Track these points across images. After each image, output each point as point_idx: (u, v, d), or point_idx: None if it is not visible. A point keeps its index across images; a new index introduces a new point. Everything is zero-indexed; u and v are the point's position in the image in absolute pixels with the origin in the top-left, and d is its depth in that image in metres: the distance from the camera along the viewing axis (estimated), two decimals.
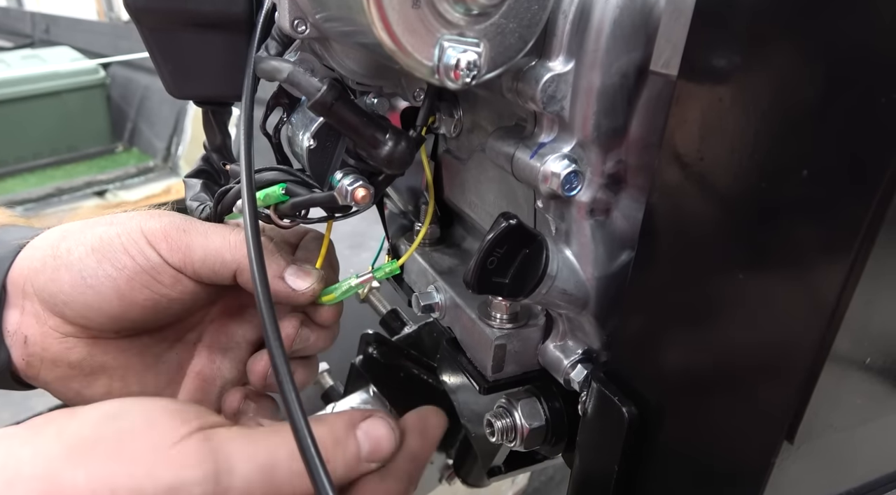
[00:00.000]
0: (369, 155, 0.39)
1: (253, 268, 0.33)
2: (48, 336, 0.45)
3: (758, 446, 0.27)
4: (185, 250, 0.44)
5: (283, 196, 0.42)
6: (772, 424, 0.27)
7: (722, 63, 0.27)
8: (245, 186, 0.36)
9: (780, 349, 0.26)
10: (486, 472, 0.57)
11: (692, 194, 0.30)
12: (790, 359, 0.25)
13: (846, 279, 0.23)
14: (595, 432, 0.38)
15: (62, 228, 0.46)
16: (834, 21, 0.23)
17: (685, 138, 0.29)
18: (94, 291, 0.43)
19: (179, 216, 0.46)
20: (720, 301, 0.29)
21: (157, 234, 0.44)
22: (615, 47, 0.32)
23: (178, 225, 0.45)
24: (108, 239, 0.44)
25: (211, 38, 0.46)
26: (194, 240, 0.44)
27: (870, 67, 0.22)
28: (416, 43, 0.29)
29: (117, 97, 4.38)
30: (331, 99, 0.36)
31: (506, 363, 0.44)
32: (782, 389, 0.26)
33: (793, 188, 0.25)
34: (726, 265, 0.28)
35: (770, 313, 0.26)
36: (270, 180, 0.43)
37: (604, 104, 0.33)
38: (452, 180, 0.52)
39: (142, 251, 0.43)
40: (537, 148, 0.36)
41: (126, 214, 0.46)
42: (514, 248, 0.35)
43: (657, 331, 0.33)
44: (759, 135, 0.26)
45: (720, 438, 0.30)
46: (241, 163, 0.36)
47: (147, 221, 0.45)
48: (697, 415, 0.31)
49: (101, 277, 0.43)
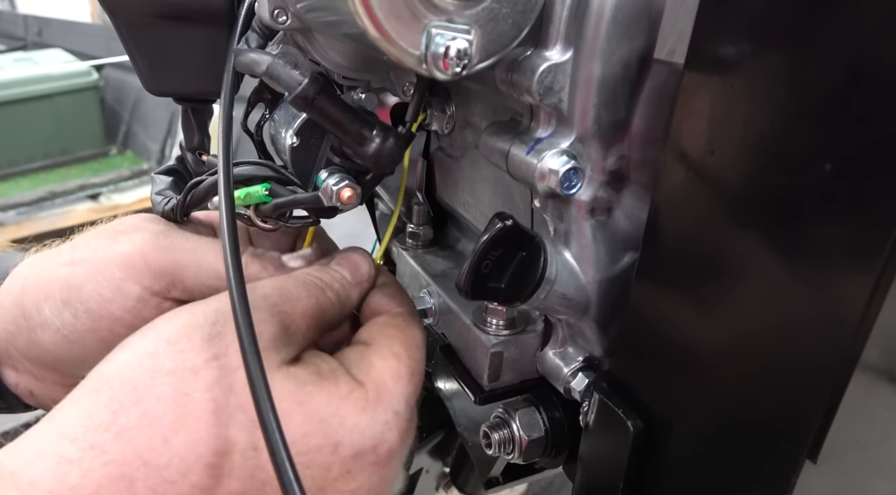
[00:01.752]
0: (355, 152, 0.37)
1: (229, 270, 0.30)
2: (52, 389, 0.42)
3: (777, 465, 0.25)
4: (172, 272, 0.39)
5: (265, 197, 0.40)
6: (793, 441, 0.24)
7: (733, 48, 0.25)
8: (222, 182, 0.33)
9: (803, 360, 0.24)
10: (484, 484, 0.55)
11: (701, 192, 0.27)
12: (814, 371, 0.23)
13: (876, 283, 0.21)
14: (598, 446, 0.36)
15: (20, 276, 0.41)
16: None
17: (693, 131, 0.27)
18: (80, 346, 0.39)
19: (152, 229, 0.41)
20: (734, 307, 0.27)
21: (134, 261, 0.39)
22: (616, 34, 0.30)
23: (157, 243, 0.40)
24: (77, 285, 0.39)
25: (190, 31, 0.44)
26: (182, 259, 0.39)
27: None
28: (401, 29, 0.27)
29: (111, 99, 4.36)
30: (313, 93, 0.34)
31: (503, 371, 0.42)
32: (805, 403, 0.24)
33: (814, 184, 0.23)
34: (740, 269, 0.26)
35: (791, 321, 0.24)
36: (249, 175, 0.40)
37: (604, 96, 0.31)
38: (445, 179, 0.50)
39: (118, 289, 0.39)
40: (534, 143, 0.34)
41: (87, 243, 0.41)
42: (509, 251, 0.33)
43: (664, 338, 0.31)
44: (775, 125, 0.24)
45: (734, 456, 0.28)
46: (220, 162, 0.34)
47: (114, 246, 0.40)
48: (709, 431, 0.29)
49: (81, 332, 0.39)
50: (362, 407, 0.34)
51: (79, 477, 0.27)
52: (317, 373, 0.34)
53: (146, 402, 0.30)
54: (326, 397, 0.33)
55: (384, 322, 0.40)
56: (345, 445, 0.33)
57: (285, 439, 0.27)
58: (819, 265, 0.23)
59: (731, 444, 0.28)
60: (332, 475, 0.33)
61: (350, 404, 0.33)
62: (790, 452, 0.25)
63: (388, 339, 0.38)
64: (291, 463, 0.27)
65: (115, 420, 0.29)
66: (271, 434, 0.27)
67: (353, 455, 0.33)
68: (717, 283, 0.27)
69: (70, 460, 0.27)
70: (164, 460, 0.29)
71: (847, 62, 0.21)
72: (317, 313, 0.37)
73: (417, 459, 0.71)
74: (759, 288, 0.25)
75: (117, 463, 0.28)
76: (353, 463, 0.33)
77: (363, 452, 0.33)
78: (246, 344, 0.29)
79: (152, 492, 0.28)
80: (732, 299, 0.27)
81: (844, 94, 0.22)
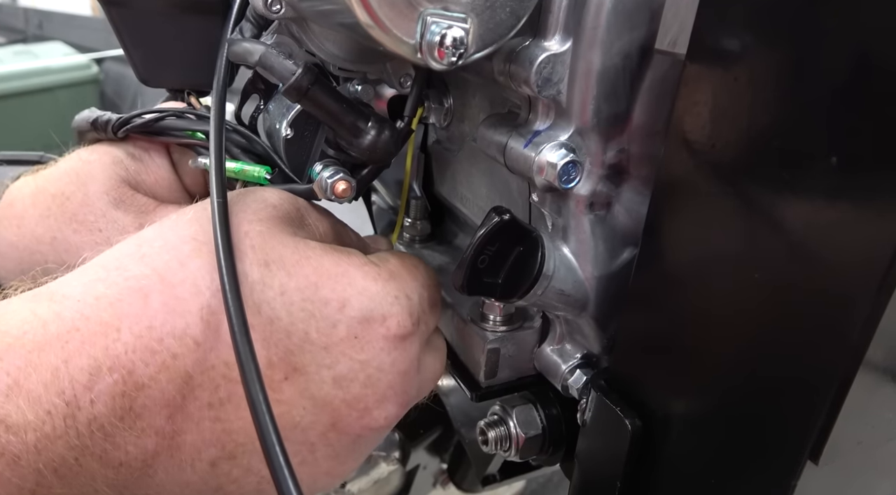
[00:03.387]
0: (350, 145, 0.36)
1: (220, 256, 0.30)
2: None
3: (778, 465, 0.25)
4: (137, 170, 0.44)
5: (264, 180, 0.39)
6: (794, 442, 0.24)
7: (736, 39, 0.25)
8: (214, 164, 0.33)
9: (807, 359, 0.23)
10: (481, 481, 0.55)
11: (702, 186, 0.27)
12: (818, 370, 0.23)
13: (882, 281, 0.20)
14: (595, 444, 0.35)
15: None
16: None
17: (694, 124, 0.27)
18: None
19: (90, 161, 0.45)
20: (736, 304, 0.26)
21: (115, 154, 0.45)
22: (617, 24, 0.30)
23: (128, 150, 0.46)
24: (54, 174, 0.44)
25: (184, 22, 0.43)
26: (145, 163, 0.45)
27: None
28: (395, 17, 0.26)
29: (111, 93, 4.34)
30: (306, 83, 0.33)
31: (500, 368, 0.42)
32: (808, 403, 0.23)
33: (819, 178, 0.22)
34: (742, 265, 0.25)
35: (795, 319, 0.23)
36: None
37: (604, 87, 0.31)
38: (443, 173, 0.49)
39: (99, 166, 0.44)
40: (532, 136, 0.33)
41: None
42: (506, 246, 0.32)
43: (663, 335, 0.30)
44: (779, 118, 0.23)
45: (734, 456, 0.27)
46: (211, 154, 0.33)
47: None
48: (709, 430, 0.28)
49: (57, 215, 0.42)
50: (373, 277, 0.34)
51: (104, 288, 0.30)
52: (328, 246, 0.35)
53: (167, 237, 0.32)
54: (335, 260, 0.34)
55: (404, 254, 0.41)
56: (353, 305, 0.33)
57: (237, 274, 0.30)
58: (823, 261, 0.22)
59: (731, 443, 0.27)
60: (339, 334, 0.33)
61: (360, 272, 0.34)
62: (791, 453, 0.24)
63: (408, 256, 0.39)
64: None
65: (139, 249, 0.32)
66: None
67: (361, 318, 0.33)
68: (718, 278, 0.27)
69: (99, 278, 0.31)
70: (178, 278, 0.31)
71: (851, 53, 0.21)
72: (334, 229, 0.39)
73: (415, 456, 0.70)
74: (761, 284, 0.24)
75: (137, 278, 0.30)
76: (361, 328, 0.33)
77: (371, 318, 0.34)
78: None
79: (164, 306, 0.30)
80: (733, 295, 0.26)
81: (849, 86, 0.21)
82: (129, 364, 0.28)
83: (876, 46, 0.20)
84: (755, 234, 0.25)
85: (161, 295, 0.30)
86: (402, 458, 0.69)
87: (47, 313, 0.28)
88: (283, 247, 0.33)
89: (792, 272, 0.23)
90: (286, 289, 0.32)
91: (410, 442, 0.68)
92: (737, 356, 0.26)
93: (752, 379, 0.26)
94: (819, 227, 0.22)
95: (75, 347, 0.28)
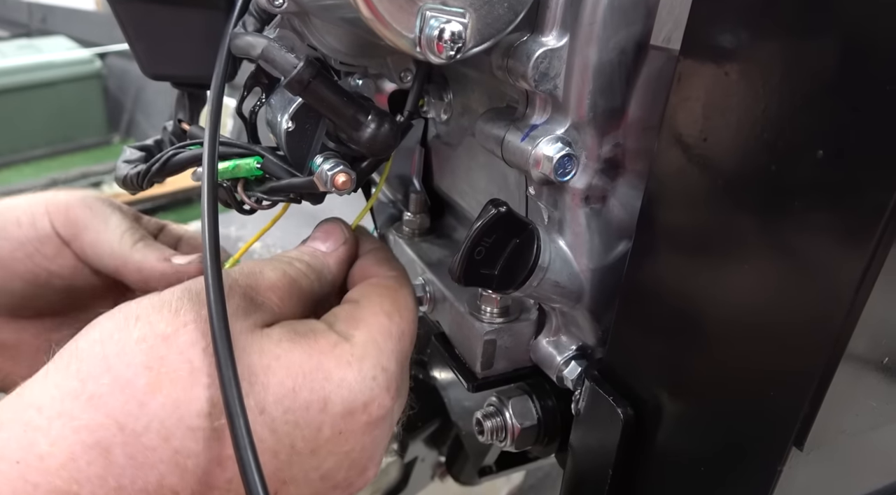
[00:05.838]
0: (350, 138, 0.37)
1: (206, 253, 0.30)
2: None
3: (764, 452, 0.25)
4: (81, 226, 0.44)
5: (257, 170, 0.40)
6: (780, 428, 0.24)
7: (728, 35, 0.25)
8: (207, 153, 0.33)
9: (792, 347, 0.23)
10: (477, 472, 0.55)
11: (694, 179, 0.27)
12: (802, 359, 0.23)
13: (865, 271, 0.21)
14: (589, 433, 0.36)
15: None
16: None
17: (687, 118, 0.27)
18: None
19: (99, 199, 0.46)
20: (725, 294, 0.26)
21: (60, 206, 0.44)
22: (613, 20, 0.30)
23: (87, 203, 0.45)
24: (8, 209, 0.44)
25: (188, 13, 0.44)
26: (92, 222, 0.44)
27: (893, 33, 0.20)
28: (394, 11, 0.27)
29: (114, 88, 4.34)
30: (308, 76, 0.34)
31: (496, 359, 0.42)
32: (793, 391, 0.24)
33: (806, 171, 0.23)
34: (732, 256, 0.26)
35: (780, 309, 0.24)
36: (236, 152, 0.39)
37: (600, 82, 0.31)
38: (442, 167, 0.49)
39: (33, 220, 0.44)
40: (529, 130, 0.34)
41: (52, 191, 0.47)
42: (503, 238, 0.33)
43: (655, 326, 0.31)
44: (769, 112, 0.24)
45: (722, 443, 0.28)
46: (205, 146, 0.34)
47: (58, 195, 0.46)
48: (698, 418, 0.29)
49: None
50: (346, 361, 0.32)
51: (48, 446, 0.25)
52: (293, 331, 0.33)
53: (116, 369, 0.28)
54: (305, 351, 0.32)
55: (375, 282, 0.39)
56: (334, 402, 0.32)
57: (243, 400, 0.27)
58: (809, 252, 0.23)
59: (720, 431, 0.28)
60: (324, 435, 0.32)
61: (333, 358, 0.32)
62: (777, 440, 0.25)
63: (378, 298, 0.37)
64: (245, 422, 0.27)
65: (84, 387, 0.27)
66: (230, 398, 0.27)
67: (344, 413, 0.32)
68: (708, 270, 0.27)
69: (37, 428, 0.26)
70: (141, 424, 0.27)
71: (841, 50, 0.21)
72: (287, 285, 0.36)
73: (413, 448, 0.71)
74: (749, 275, 0.25)
75: (90, 429, 0.26)
76: (345, 422, 0.32)
77: (354, 410, 0.32)
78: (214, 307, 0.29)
79: (132, 460, 0.26)
80: (723, 286, 0.26)
81: (838, 82, 0.22)
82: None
83: (860, 43, 0.21)
84: (745, 226, 0.25)
85: (124, 447, 0.26)
86: (400, 450, 0.70)
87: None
88: (247, 356, 0.30)
89: (780, 262, 0.24)
90: (265, 406, 0.30)
91: (409, 435, 0.69)
92: (726, 346, 0.27)
93: (739, 367, 0.26)
94: (805, 218, 0.23)
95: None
